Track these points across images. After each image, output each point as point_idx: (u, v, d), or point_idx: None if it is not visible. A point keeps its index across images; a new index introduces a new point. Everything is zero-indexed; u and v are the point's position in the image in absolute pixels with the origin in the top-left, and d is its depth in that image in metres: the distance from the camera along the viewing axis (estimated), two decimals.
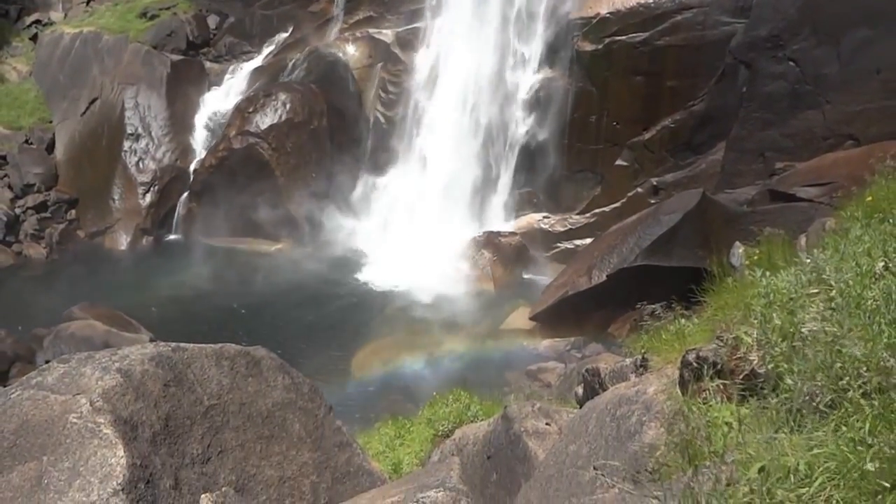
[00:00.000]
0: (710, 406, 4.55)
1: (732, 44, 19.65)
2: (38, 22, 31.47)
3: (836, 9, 18.02)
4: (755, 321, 4.63)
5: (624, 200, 21.64)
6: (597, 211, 22.18)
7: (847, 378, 3.60)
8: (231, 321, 19.94)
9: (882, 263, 4.79)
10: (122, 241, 24.92)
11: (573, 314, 18.03)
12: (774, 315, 4.52)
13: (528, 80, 22.74)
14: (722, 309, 5.51)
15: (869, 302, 4.28)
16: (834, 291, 4.56)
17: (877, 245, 5.09)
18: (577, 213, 22.54)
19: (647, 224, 17.67)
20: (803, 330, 4.22)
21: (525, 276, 21.94)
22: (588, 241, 21.25)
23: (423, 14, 24.40)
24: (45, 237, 24.68)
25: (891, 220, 5.98)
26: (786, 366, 4.08)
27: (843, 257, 5.01)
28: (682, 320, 6.50)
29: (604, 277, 17.58)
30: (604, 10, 21.40)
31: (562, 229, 22.64)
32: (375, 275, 22.23)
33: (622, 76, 21.44)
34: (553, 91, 22.34)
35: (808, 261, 5.11)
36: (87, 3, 31.47)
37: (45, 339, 17.85)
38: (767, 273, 5.18)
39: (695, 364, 4.89)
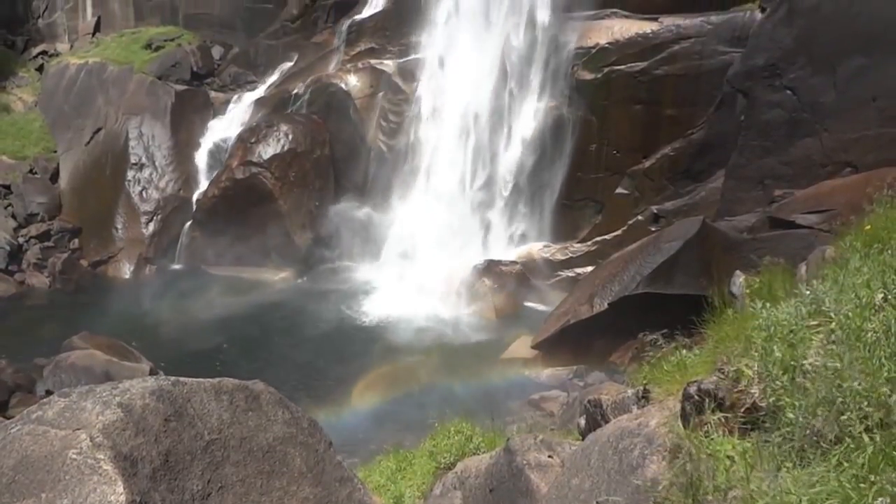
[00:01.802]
0: (712, 440, 4.53)
1: (730, 73, 19.83)
2: (44, 53, 31.85)
3: (831, 38, 18.21)
4: (756, 354, 4.63)
5: (625, 228, 21.70)
6: (598, 239, 22.22)
7: (849, 413, 3.60)
8: (232, 350, 19.91)
9: (881, 295, 4.80)
10: (125, 271, 24.96)
11: (575, 343, 17.99)
12: (775, 348, 4.52)
13: (528, 109, 22.90)
14: (723, 341, 5.51)
15: (869, 334, 4.29)
16: (834, 324, 4.57)
17: (876, 276, 5.10)
18: (578, 242, 22.58)
19: (648, 252, 17.69)
20: (804, 363, 4.22)
21: (526, 305, 21.90)
22: (589, 269, 21.28)
23: (423, 45, 24.65)
24: (47, 266, 24.71)
25: (889, 251, 6.00)
26: (787, 399, 4.08)
27: (842, 289, 5.02)
28: (684, 351, 6.49)
29: (605, 306, 17.56)
30: (603, 41, 21.62)
31: (563, 258, 22.66)
32: (377, 304, 22.21)
33: (621, 105, 21.60)
34: (553, 120, 22.50)
35: (808, 292, 5.12)
36: (93, 35, 31.84)
37: (45, 369, 17.82)
38: (767, 305, 5.19)
39: (696, 397, 4.88)
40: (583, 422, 7.51)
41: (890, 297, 4.72)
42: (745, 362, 4.63)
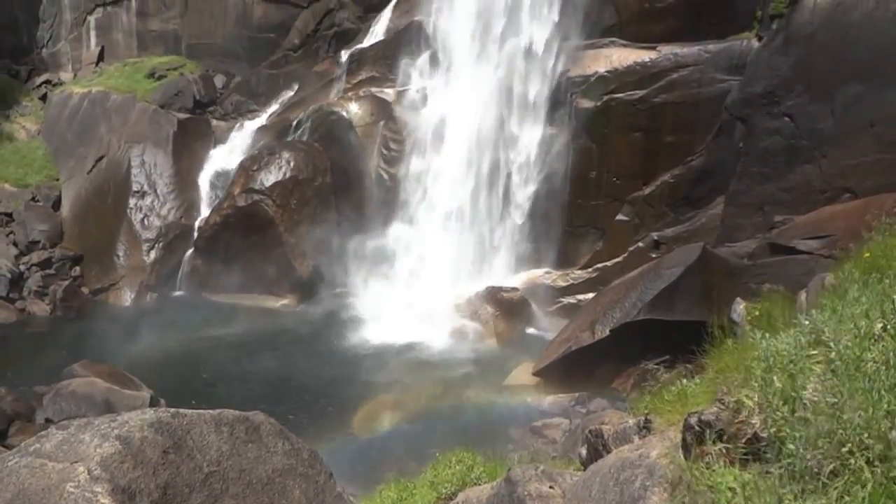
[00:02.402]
0: (714, 471, 4.52)
1: (728, 100, 19.99)
2: (48, 82, 32.16)
3: (828, 66, 18.38)
4: (756, 384, 4.62)
5: (625, 255, 21.73)
6: (599, 266, 22.24)
7: (849, 445, 3.59)
8: (233, 378, 19.83)
9: (880, 325, 4.80)
10: (126, 298, 24.96)
11: (577, 369, 17.94)
12: (775, 378, 4.51)
13: (528, 136, 23.04)
14: (723, 371, 5.50)
15: (869, 365, 4.29)
16: (833, 354, 4.57)
17: (874, 306, 5.11)
18: (579, 268, 22.60)
19: (649, 278, 17.71)
20: (804, 394, 4.22)
21: (528, 332, 21.87)
22: (590, 295, 21.28)
23: (424, 74, 24.87)
24: (48, 294, 24.73)
25: (888, 279, 6.01)
26: (788, 431, 4.07)
27: (841, 319, 5.03)
28: (684, 381, 6.48)
29: (607, 332, 17.54)
30: (601, 69, 21.81)
31: (564, 284, 22.67)
32: (379, 331, 22.18)
33: (621, 132, 21.75)
34: (553, 148, 22.63)
35: (807, 322, 5.13)
36: (97, 64, 32.17)
37: (45, 397, 17.74)
38: (767, 335, 5.20)
39: (697, 427, 4.87)
40: (584, 451, 7.48)
41: (889, 326, 4.72)
42: (746, 393, 4.62)
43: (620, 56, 21.72)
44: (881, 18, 17.79)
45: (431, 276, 23.70)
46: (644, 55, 21.37)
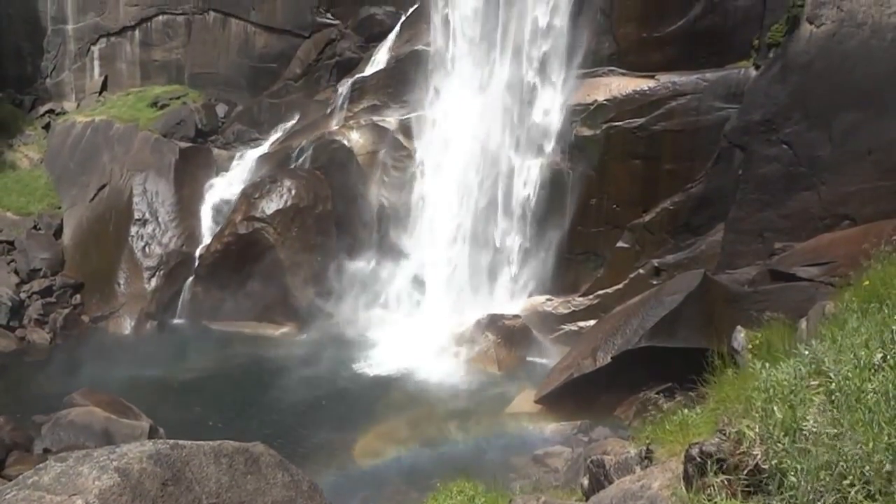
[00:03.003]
0: (715, 503, 4.50)
1: (727, 128, 20.12)
2: (51, 111, 32.34)
3: (825, 94, 18.53)
4: (757, 415, 4.63)
5: (626, 282, 21.74)
6: (600, 293, 22.23)
7: (850, 478, 3.58)
8: (233, 406, 19.75)
9: (880, 355, 4.81)
10: (127, 326, 24.92)
11: (579, 397, 17.87)
12: (776, 409, 4.51)
13: (529, 164, 23.16)
14: (724, 401, 5.50)
15: (869, 395, 4.29)
16: (834, 384, 4.57)
17: (874, 336, 5.12)
18: (580, 295, 22.59)
19: (650, 305, 17.70)
20: (805, 425, 4.21)
21: (529, 359, 21.80)
22: (591, 322, 21.26)
23: (425, 102, 25.07)
24: (49, 322, 24.68)
25: (887, 308, 6.02)
26: (789, 462, 4.06)
27: (841, 349, 5.04)
28: (685, 410, 6.47)
29: (608, 359, 17.51)
30: (601, 97, 21.99)
31: (565, 311, 22.64)
32: (380, 358, 22.12)
33: (621, 160, 21.87)
34: (553, 175, 22.74)
35: (807, 352, 5.13)
36: (100, 94, 32.40)
37: (44, 426, 17.64)
38: (767, 365, 5.20)
39: (698, 458, 4.86)
40: (586, 482, 7.44)
41: (889, 357, 4.73)
42: (747, 423, 4.62)
43: (620, 85, 21.91)
44: (877, 47, 17.97)
45: (432, 303, 23.71)
46: (643, 84, 21.56)
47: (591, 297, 22.44)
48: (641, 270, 21.62)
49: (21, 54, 33.10)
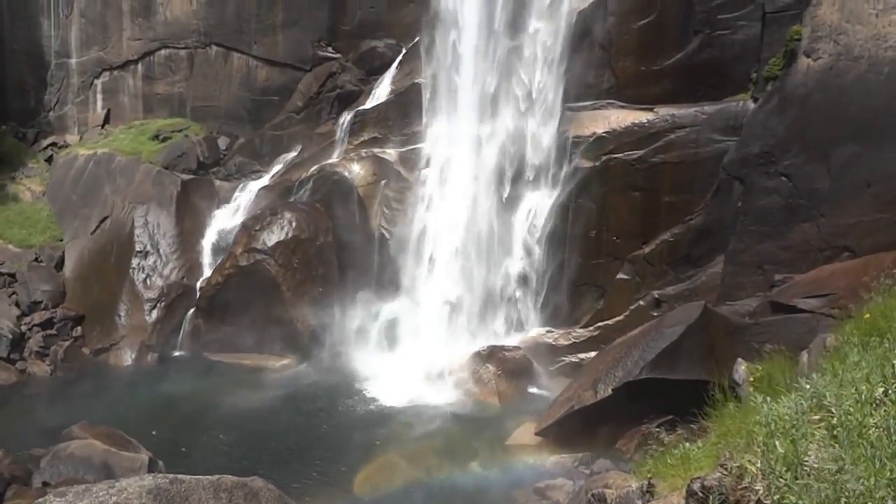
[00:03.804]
0: None
1: (726, 160, 20.27)
2: (54, 144, 32.61)
3: (823, 126, 18.71)
4: (758, 449, 4.63)
5: (627, 313, 21.73)
6: (600, 324, 22.22)
7: None
8: (232, 439, 19.62)
9: (881, 389, 4.82)
10: (127, 358, 24.87)
11: (580, 429, 17.77)
12: (777, 443, 4.52)
13: (528, 196, 23.29)
14: (725, 435, 5.50)
15: (871, 431, 4.30)
16: (835, 419, 4.58)
17: (875, 370, 5.14)
18: (581, 327, 22.58)
19: (651, 337, 17.67)
20: (807, 460, 4.22)
21: (530, 391, 21.73)
22: (592, 354, 21.21)
23: (425, 135, 25.30)
24: (49, 354, 24.65)
25: (888, 342, 6.05)
26: (791, 498, 4.06)
27: (842, 383, 5.05)
28: (687, 444, 6.46)
29: (609, 391, 17.43)
30: (600, 130, 22.18)
31: (566, 343, 22.61)
32: (380, 391, 22.04)
33: (620, 192, 22.00)
34: (554, 207, 22.85)
35: (808, 386, 5.15)
36: (103, 127, 32.69)
37: (43, 459, 17.52)
38: (769, 399, 5.21)
39: (700, 493, 4.85)
40: None
41: (890, 391, 4.74)
42: (748, 458, 4.62)
43: (618, 117, 22.12)
44: (874, 81, 18.18)
45: (433, 335, 23.66)
46: (642, 116, 21.76)
47: (591, 328, 22.43)
48: (642, 302, 21.64)
49: (25, 88, 33.50)
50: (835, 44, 18.55)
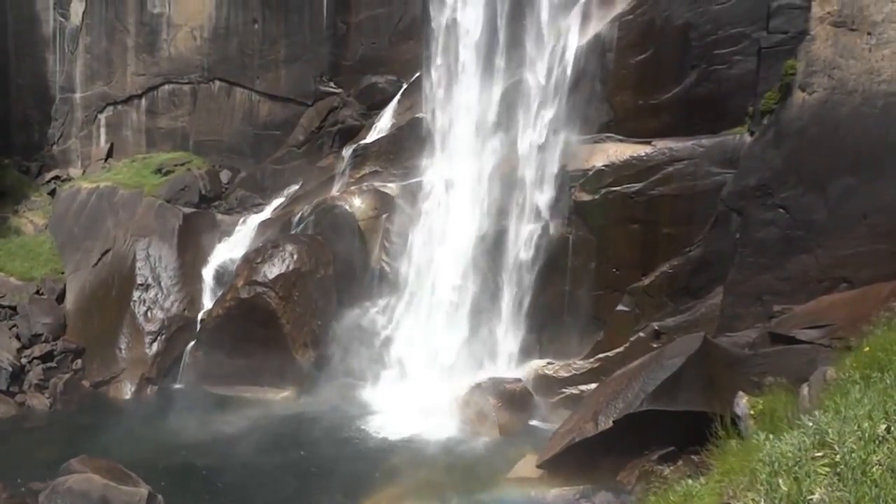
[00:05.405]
0: None
1: (724, 192, 20.44)
2: (57, 178, 32.84)
3: (819, 159, 18.92)
4: (761, 488, 4.67)
5: (627, 345, 21.74)
6: (600, 356, 22.21)
7: None
8: (232, 473, 19.52)
9: (884, 426, 4.88)
10: (127, 391, 24.82)
11: (581, 461, 17.71)
12: (780, 482, 4.56)
13: (528, 229, 23.41)
14: (728, 473, 5.54)
15: (874, 468, 4.34)
16: (839, 457, 4.62)
17: (877, 406, 5.20)
18: (581, 359, 22.57)
19: (651, 368, 17.71)
20: (811, 499, 4.26)
21: (531, 423, 21.68)
22: (593, 386, 21.18)
23: (426, 169, 25.51)
24: (49, 387, 24.59)
25: (889, 378, 6.11)
26: None
27: (844, 420, 5.11)
28: (689, 480, 6.48)
29: (610, 423, 17.42)
30: (599, 163, 22.38)
31: (566, 375, 22.59)
32: (380, 424, 21.99)
33: (619, 224, 22.13)
34: (553, 240, 22.97)
35: (811, 423, 5.20)
36: (106, 160, 32.94)
37: (41, 494, 17.44)
38: (771, 436, 5.26)
39: None
40: None
41: (893, 428, 4.80)
42: (752, 497, 4.66)
43: (617, 150, 22.33)
44: (868, 114, 18.42)
45: (433, 368, 23.66)
46: (640, 150, 21.97)
47: (591, 360, 22.42)
48: (642, 334, 21.66)
49: (29, 122, 33.80)
50: (829, 78, 18.83)
